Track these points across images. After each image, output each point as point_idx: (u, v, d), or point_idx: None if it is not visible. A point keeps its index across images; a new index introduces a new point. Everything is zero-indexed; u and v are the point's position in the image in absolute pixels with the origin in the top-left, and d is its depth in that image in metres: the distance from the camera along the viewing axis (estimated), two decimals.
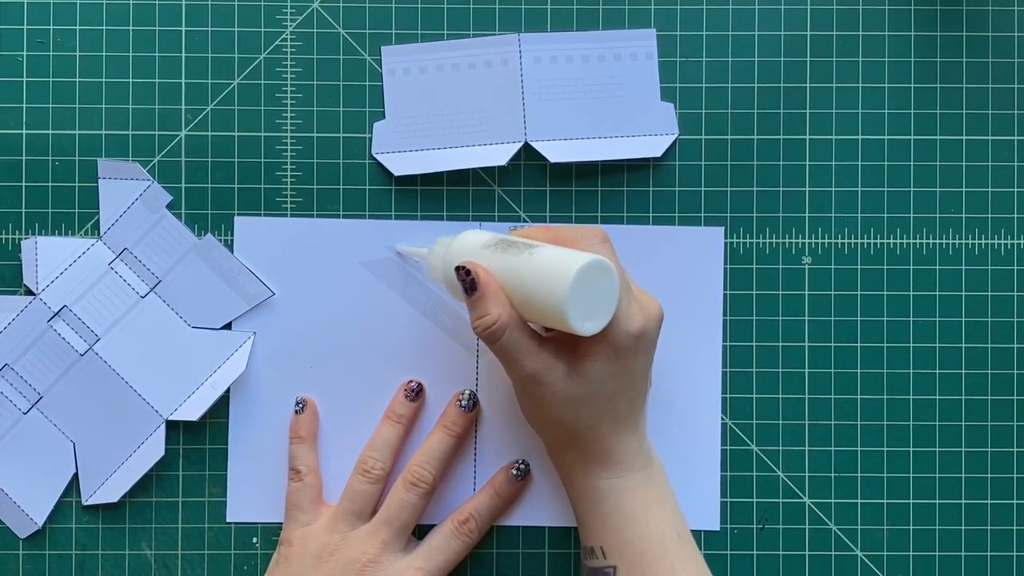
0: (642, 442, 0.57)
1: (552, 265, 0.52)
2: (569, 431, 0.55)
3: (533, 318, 0.54)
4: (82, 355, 0.63)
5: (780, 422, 0.64)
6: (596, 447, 0.55)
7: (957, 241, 0.64)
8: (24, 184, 0.64)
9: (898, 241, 0.64)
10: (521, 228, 0.59)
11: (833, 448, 0.64)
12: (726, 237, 0.64)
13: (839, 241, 0.64)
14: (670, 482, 0.58)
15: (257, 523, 0.63)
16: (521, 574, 0.63)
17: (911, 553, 0.63)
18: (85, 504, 0.63)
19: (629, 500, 0.55)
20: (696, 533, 0.63)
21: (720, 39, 0.64)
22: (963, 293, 0.64)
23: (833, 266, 0.64)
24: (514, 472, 0.62)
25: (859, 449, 0.64)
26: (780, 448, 0.64)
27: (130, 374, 0.63)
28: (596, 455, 0.55)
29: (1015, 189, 0.64)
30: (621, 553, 0.55)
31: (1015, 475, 0.64)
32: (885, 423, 0.64)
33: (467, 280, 0.54)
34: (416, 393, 0.63)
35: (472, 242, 0.56)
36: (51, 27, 0.64)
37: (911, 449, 0.64)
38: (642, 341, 0.54)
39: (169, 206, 0.63)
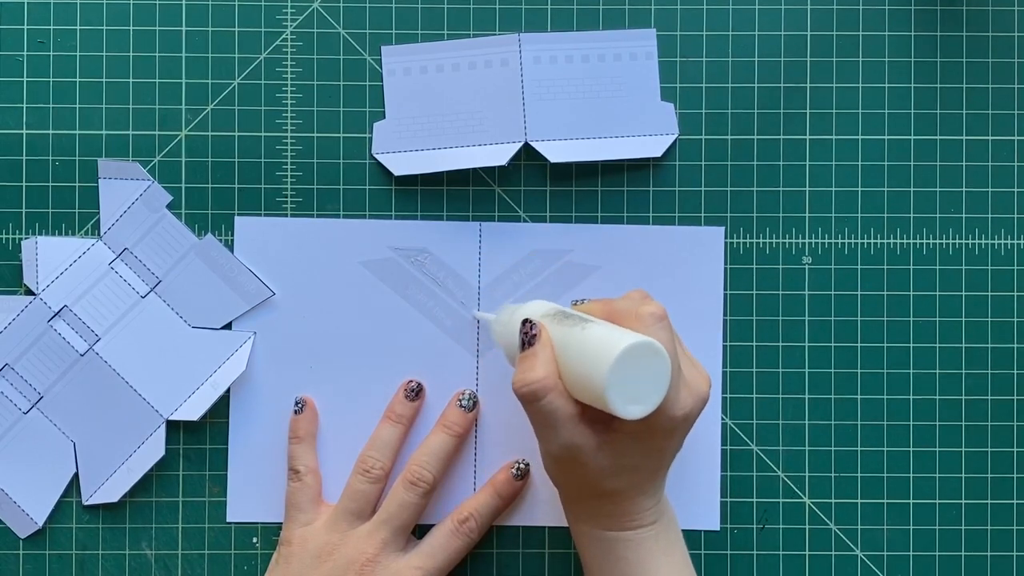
0: (658, 500, 0.56)
1: (599, 343, 0.50)
2: (588, 494, 0.55)
3: (578, 395, 0.52)
4: (82, 355, 0.63)
5: (780, 422, 0.64)
6: (611, 509, 0.55)
7: (957, 241, 0.64)
8: (24, 184, 0.64)
9: (898, 241, 0.64)
10: (583, 303, 0.57)
11: (833, 448, 0.64)
12: (726, 237, 0.64)
13: (839, 241, 0.64)
14: (672, 481, 0.57)
15: (257, 523, 0.63)
16: (521, 574, 0.63)
17: (911, 553, 0.63)
18: (85, 504, 0.63)
19: (636, 551, 0.55)
20: (696, 533, 0.63)
21: (720, 39, 0.64)
22: (963, 293, 0.64)
23: (833, 266, 0.64)
24: (514, 472, 0.62)
25: (859, 449, 0.64)
26: (780, 448, 0.64)
27: (130, 374, 0.63)
28: (610, 514, 0.55)
29: (1015, 189, 0.64)
30: None
31: (1015, 475, 0.64)
32: (885, 423, 0.64)
33: (528, 335, 0.53)
34: (416, 393, 0.63)
35: (533, 310, 0.56)
36: (51, 27, 0.64)
37: (911, 449, 0.64)
38: (683, 424, 0.53)
39: (169, 206, 0.63)
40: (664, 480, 0.56)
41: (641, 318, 0.52)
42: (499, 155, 0.63)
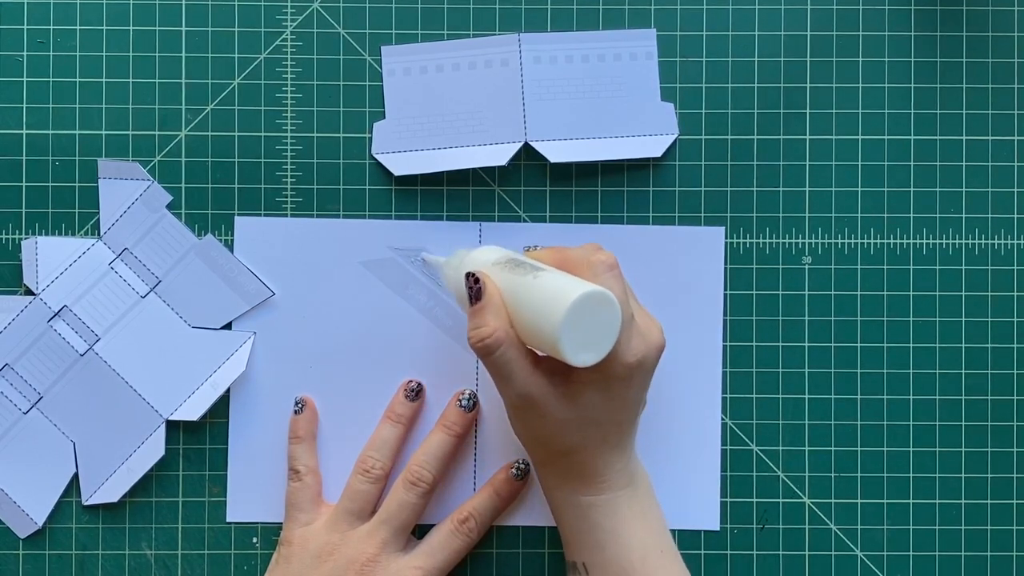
0: (628, 461, 0.56)
1: (551, 292, 0.51)
2: (555, 449, 0.55)
3: (530, 343, 0.53)
4: (82, 355, 0.63)
5: (780, 422, 0.64)
6: (580, 467, 0.55)
7: (957, 241, 0.64)
8: (24, 184, 0.64)
9: (898, 241, 0.64)
10: (535, 250, 0.58)
11: (833, 448, 0.64)
12: (726, 237, 0.64)
13: (839, 241, 0.64)
14: (672, 481, 0.58)
15: (257, 523, 0.63)
16: (521, 574, 0.63)
17: (911, 553, 0.63)
18: (85, 504, 0.63)
19: (610, 517, 0.55)
20: (696, 533, 0.63)
21: (720, 39, 0.64)
22: (963, 293, 0.64)
23: (833, 266, 0.64)
24: (514, 472, 0.62)
25: (859, 449, 0.64)
26: (780, 448, 0.64)
27: (130, 374, 0.63)
28: (580, 474, 0.55)
29: (1015, 189, 0.64)
30: (604, 570, 0.55)
31: (1015, 475, 0.64)
32: (885, 423, 0.64)
33: (474, 288, 0.53)
34: (416, 393, 0.63)
35: (484, 257, 0.56)
36: (51, 27, 0.64)
37: (911, 449, 0.64)
38: (638, 371, 0.53)
39: (169, 206, 0.63)
40: (632, 438, 0.56)
41: (592, 266, 0.53)
42: (499, 155, 0.63)
